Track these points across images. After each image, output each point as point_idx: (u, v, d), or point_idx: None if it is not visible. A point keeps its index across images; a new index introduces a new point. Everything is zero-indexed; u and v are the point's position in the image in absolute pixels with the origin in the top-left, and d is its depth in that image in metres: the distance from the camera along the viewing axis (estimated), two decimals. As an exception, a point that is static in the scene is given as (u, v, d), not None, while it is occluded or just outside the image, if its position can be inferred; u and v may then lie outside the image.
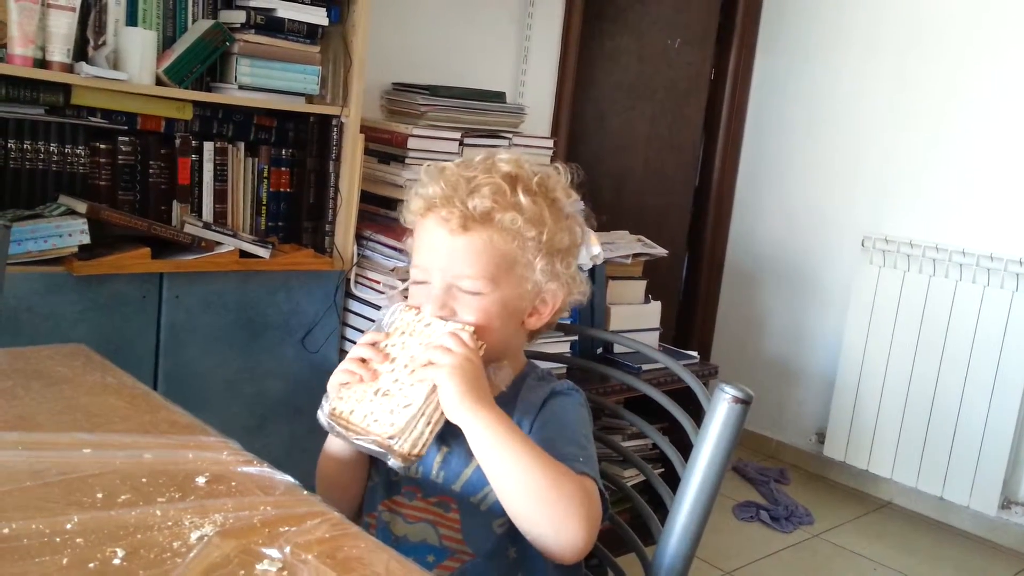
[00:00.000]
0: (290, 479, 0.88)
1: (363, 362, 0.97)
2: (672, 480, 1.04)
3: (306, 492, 0.87)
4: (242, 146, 2.01)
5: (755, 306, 3.49)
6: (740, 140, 3.51)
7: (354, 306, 2.12)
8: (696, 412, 1.03)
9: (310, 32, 1.98)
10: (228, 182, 2.00)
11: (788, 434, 3.38)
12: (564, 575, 1.05)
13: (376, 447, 0.92)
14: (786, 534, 2.78)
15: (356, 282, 2.11)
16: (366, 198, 2.16)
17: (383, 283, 2.06)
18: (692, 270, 3.61)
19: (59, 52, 1.70)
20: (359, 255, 2.12)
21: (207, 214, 1.96)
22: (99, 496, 0.80)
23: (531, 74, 2.86)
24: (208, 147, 1.96)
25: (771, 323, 3.44)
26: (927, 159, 2.99)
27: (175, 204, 1.93)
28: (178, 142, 1.92)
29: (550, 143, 2.47)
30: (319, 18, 1.98)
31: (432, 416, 0.92)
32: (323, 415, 0.97)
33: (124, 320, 1.79)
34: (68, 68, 1.71)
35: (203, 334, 1.89)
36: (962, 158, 2.91)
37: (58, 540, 0.72)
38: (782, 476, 3.19)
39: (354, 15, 2.04)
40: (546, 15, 2.86)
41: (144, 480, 0.84)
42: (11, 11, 1.64)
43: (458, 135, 2.24)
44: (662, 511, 1.03)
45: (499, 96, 2.41)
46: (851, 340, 3.06)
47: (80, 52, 1.76)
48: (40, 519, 0.75)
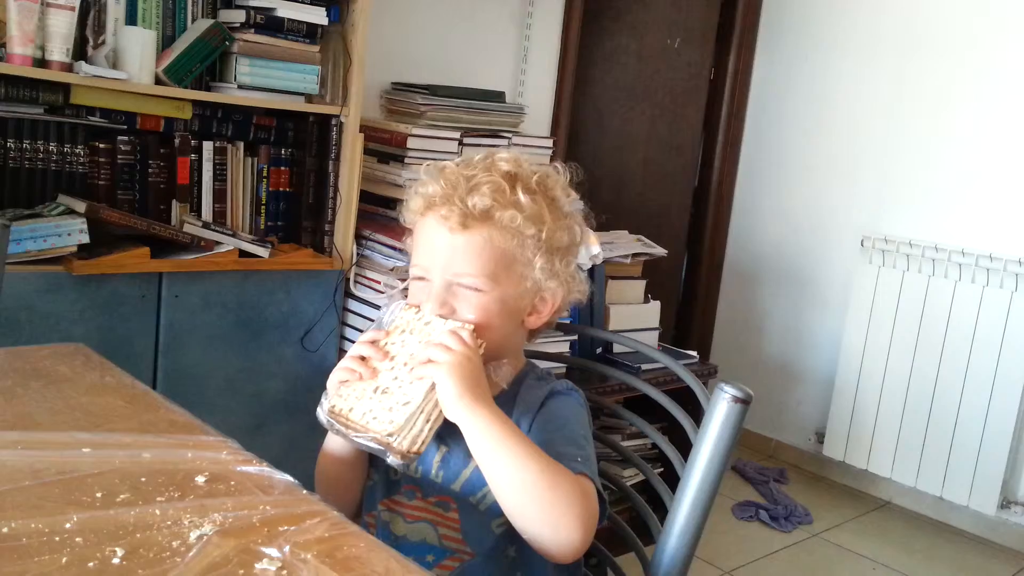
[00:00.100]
0: (289, 478, 0.88)
1: (363, 360, 0.97)
2: (672, 480, 1.04)
3: (305, 491, 0.87)
4: (241, 146, 2.01)
5: (754, 306, 3.49)
6: (740, 140, 3.51)
7: (353, 306, 2.12)
8: (695, 412, 1.03)
9: (310, 32, 1.98)
10: (227, 182, 2.00)
11: (787, 434, 3.38)
12: (564, 575, 1.05)
13: (375, 445, 0.92)
14: (785, 534, 2.78)
15: (355, 282, 2.11)
16: (365, 198, 2.15)
17: (382, 283, 2.06)
18: (691, 270, 3.61)
19: (58, 51, 1.70)
20: (358, 255, 2.12)
21: (206, 214, 1.96)
22: (98, 495, 0.80)
23: (531, 74, 2.86)
24: (207, 146, 1.96)
25: (770, 323, 3.44)
26: (926, 159, 3.00)
27: (174, 204, 1.92)
28: (177, 141, 1.92)
29: (549, 143, 2.47)
30: (319, 18, 1.98)
31: (431, 414, 0.92)
32: (322, 413, 0.97)
33: (123, 319, 1.78)
34: (67, 67, 1.71)
35: (202, 333, 1.89)
36: (961, 158, 2.91)
37: (57, 539, 0.72)
38: (781, 476, 3.19)
39: (354, 15, 2.04)
40: (546, 15, 2.86)
41: (143, 479, 0.84)
42: (10, 10, 1.64)
43: (457, 135, 2.24)
44: (661, 511, 1.03)
45: (499, 96, 2.42)
46: (850, 340, 3.06)
47: (79, 51, 1.76)
48: (39, 518, 0.75)
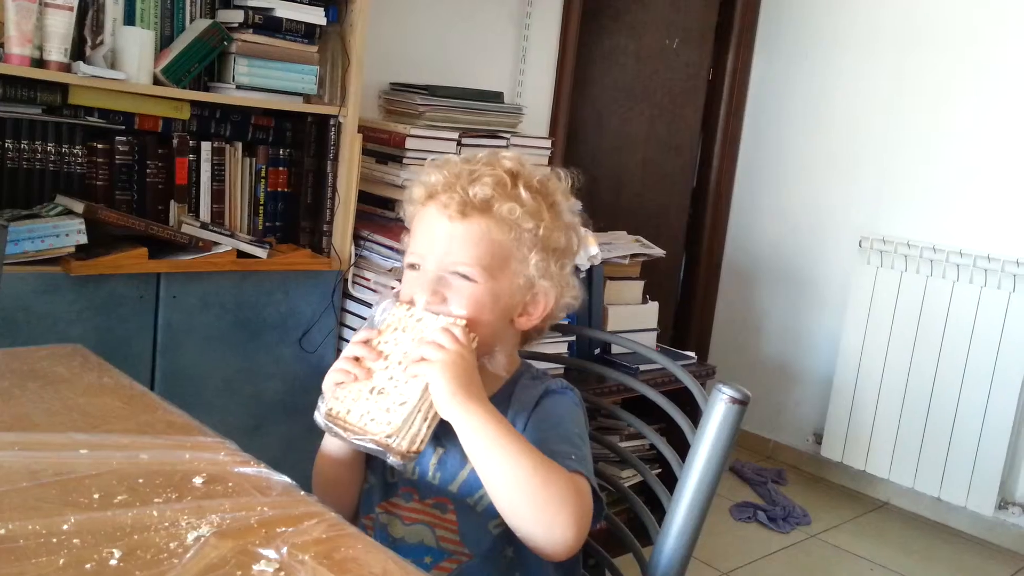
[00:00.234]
0: (287, 479, 0.88)
1: (357, 361, 0.97)
2: (669, 481, 1.04)
3: (303, 493, 0.87)
4: (240, 146, 2.01)
5: (753, 306, 3.49)
6: (738, 140, 3.52)
7: (351, 306, 2.12)
8: (693, 412, 1.03)
9: (308, 32, 1.98)
10: (226, 182, 2.00)
11: (785, 435, 3.39)
12: (562, 575, 1.05)
13: (374, 446, 0.91)
14: (783, 534, 2.78)
15: (353, 282, 2.11)
16: (364, 198, 2.15)
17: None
18: (690, 270, 3.61)
19: (56, 51, 1.69)
20: (357, 255, 2.12)
21: (204, 214, 1.96)
22: (96, 497, 0.80)
23: (529, 74, 2.86)
24: (206, 147, 1.96)
25: (768, 323, 3.44)
26: (926, 154, 3.00)
27: (172, 204, 1.92)
28: (175, 142, 1.92)
29: (548, 143, 2.47)
30: (317, 18, 1.98)
31: (428, 412, 0.92)
32: (320, 416, 0.97)
33: (121, 320, 1.78)
34: (65, 67, 1.71)
35: (200, 334, 1.89)
36: (960, 158, 2.92)
37: (55, 541, 0.72)
38: (779, 477, 3.19)
39: (352, 15, 2.04)
40: (544, 15, 2.86)
41: (141, 481, 0.84)
42: (8, 10, 1.63)
43: (456, 135, 2.24)
44: (659, 512, 1.03)
45: (497, 96, 2.41)
46: (848, 340, 3.06)
47: (78, 51, 1.76)
48: (37, 519, 0.75)
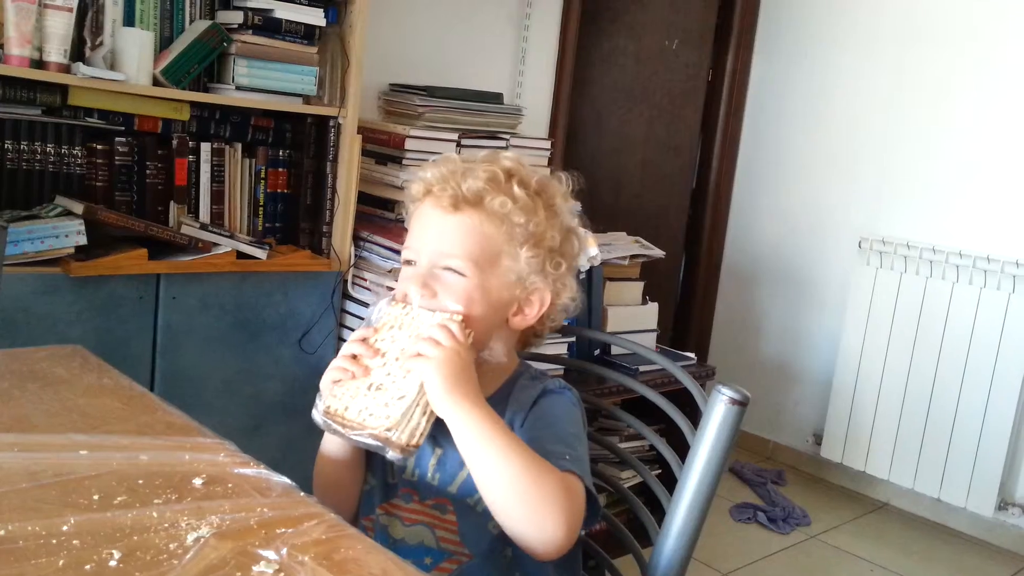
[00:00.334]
0: (287, 480, 0.88)
1: (354, 358, 0.97)
2: (669, 482, 1.04)
3: (303, 494, 0.87)
4: (239, 147, 2.01)
5: (752, 307, 3.49)
6: (737, 141, 3.52)
7: (351, 307, 2.12)
8: (693, 413, 1.03)
9: (307, 33, 1.98)
10: (225, 183, 2.00)
11: (785, 435, 3.39)
12: (562, 575, 1.05)
13: (373, 441, 0.91)
14: (783, 535, 2.78)
15: (353, 283, 2.11)
16: (363, 199, 2.15)
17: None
18: (689, 271, 3.61)
19: (56, 52, 1.69)
20: (356, 256, 2.12)
21: (204, 215, 1.96)
22: (95, 498, 0.80)
23: (528, 75, 2.86)
24: (205, 148, 1.96)
25: (768, 324, 3.44)
26: (925, 151, 3.00)
27: (172, 205, 1.92)
28: (175, 143, 1.92)
29: (547, 144, 2.47)
30: (316, 19, 1.98)
31: (428, 406, 0.92)
32: (318, 414, 0.97)
33: (121, 321, 1.78)
34: (65, 68, 1.71)
35: (200, 335, 1.89)
36: (959, 159, 2.92)
37: (54, 542, 0.72)
38: (779, 477, 3.19)
39: (351, 16, 2.04)
40: (543, 16, 2.86)
41: (140, 482, 0.84)
42: (8, 11, 1.63)
43: (455, 136, 2.24)
44: (659, 513, 1.03)
45: (496, 97, 2.41)
46: (848, 341, 3.06)
47: (77, 52, 1.76)
48: (36, 521, 0.74)
